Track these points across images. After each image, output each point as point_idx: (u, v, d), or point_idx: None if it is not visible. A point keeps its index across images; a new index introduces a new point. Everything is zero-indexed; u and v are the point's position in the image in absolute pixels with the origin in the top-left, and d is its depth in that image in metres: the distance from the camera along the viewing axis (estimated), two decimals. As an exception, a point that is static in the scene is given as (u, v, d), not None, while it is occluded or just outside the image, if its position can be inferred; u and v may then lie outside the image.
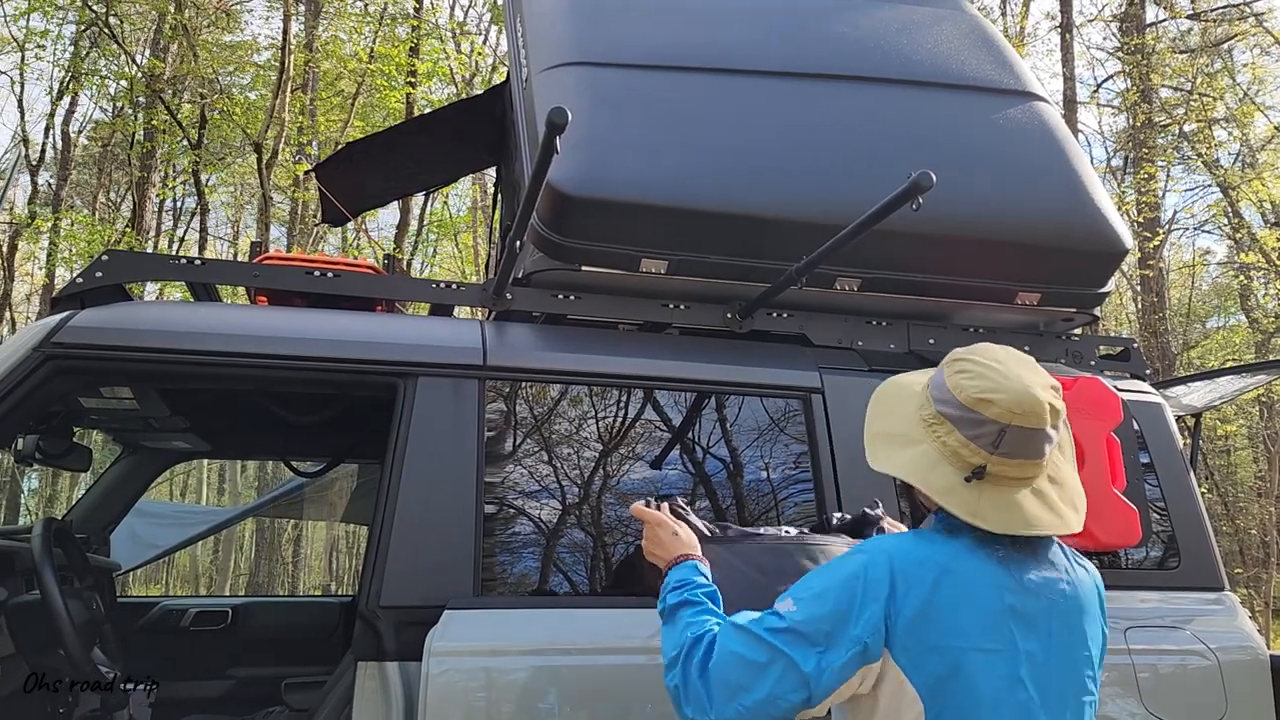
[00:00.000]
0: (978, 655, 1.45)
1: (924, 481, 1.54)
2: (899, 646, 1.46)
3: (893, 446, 1.62)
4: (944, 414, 1.55)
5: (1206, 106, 14.05)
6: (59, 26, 14.72)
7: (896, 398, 1.69)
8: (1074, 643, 1.55)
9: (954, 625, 1.46)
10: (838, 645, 1.46)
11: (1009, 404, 1.49)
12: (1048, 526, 1.53)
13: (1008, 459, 1.51)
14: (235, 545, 17.13)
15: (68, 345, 2.29)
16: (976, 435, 1.51)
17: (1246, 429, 17.33)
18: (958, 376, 1.56)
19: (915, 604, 1.46)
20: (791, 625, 1.48)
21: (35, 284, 19.17)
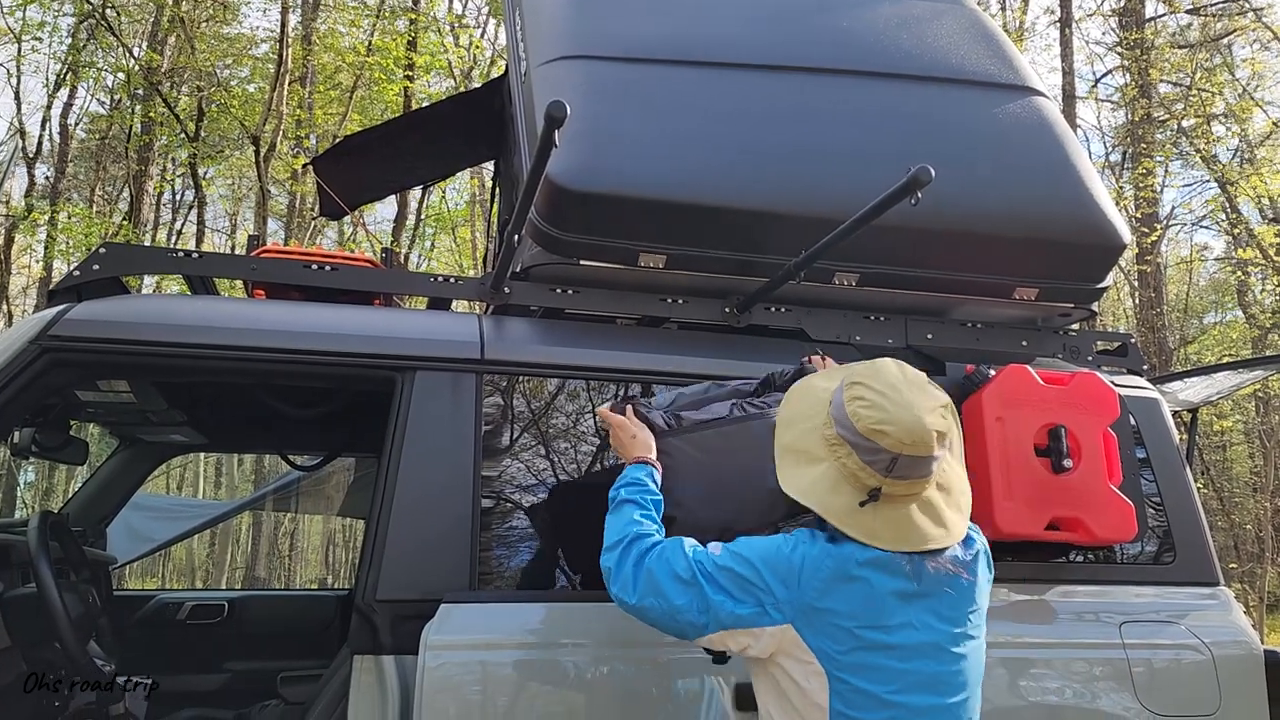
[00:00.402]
0: (873, 633, 1.64)
1: (824, 507, 1.70)
2: (803, 624, 1.66)
3: (798, 464, 1.78)
4: (844, 437, 1.71)
5: (1205, 102, 14.04)
6: (55, 18, 14.67)
7: (805, 407, 1.83)
8: (960, 614, 1.73)
9: (851, 609, 1.65)
10: (739, 599, 1.70)
11: (900, 435, 1.65)
12: (936, 541, 1.71)
13: (899, 480, 1.68)
14: (232, 539, 17.12)
15: (65, 338, 2.29)
16: (872, 461, 1.67)
17: (1243, 424, 17.35)
18: (855, 404, 1.70)
19: (817, 590, 1.66)
20: (712, 570, 1.72)
21: (32, 277, 19.13)
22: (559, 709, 2.16)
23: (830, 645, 1.65)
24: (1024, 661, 2.44)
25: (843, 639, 1.65)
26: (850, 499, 1.69)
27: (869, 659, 1.64)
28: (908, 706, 1.64)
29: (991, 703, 2.36)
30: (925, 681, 1.66)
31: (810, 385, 1.89)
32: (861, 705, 1.63)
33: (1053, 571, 2.62)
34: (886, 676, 1.64)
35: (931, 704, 1.66)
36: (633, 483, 1.97)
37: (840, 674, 1.64)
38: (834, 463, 1.71)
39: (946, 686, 1.68)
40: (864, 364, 1.80)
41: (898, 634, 1.65)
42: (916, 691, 1.65)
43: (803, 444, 1.78)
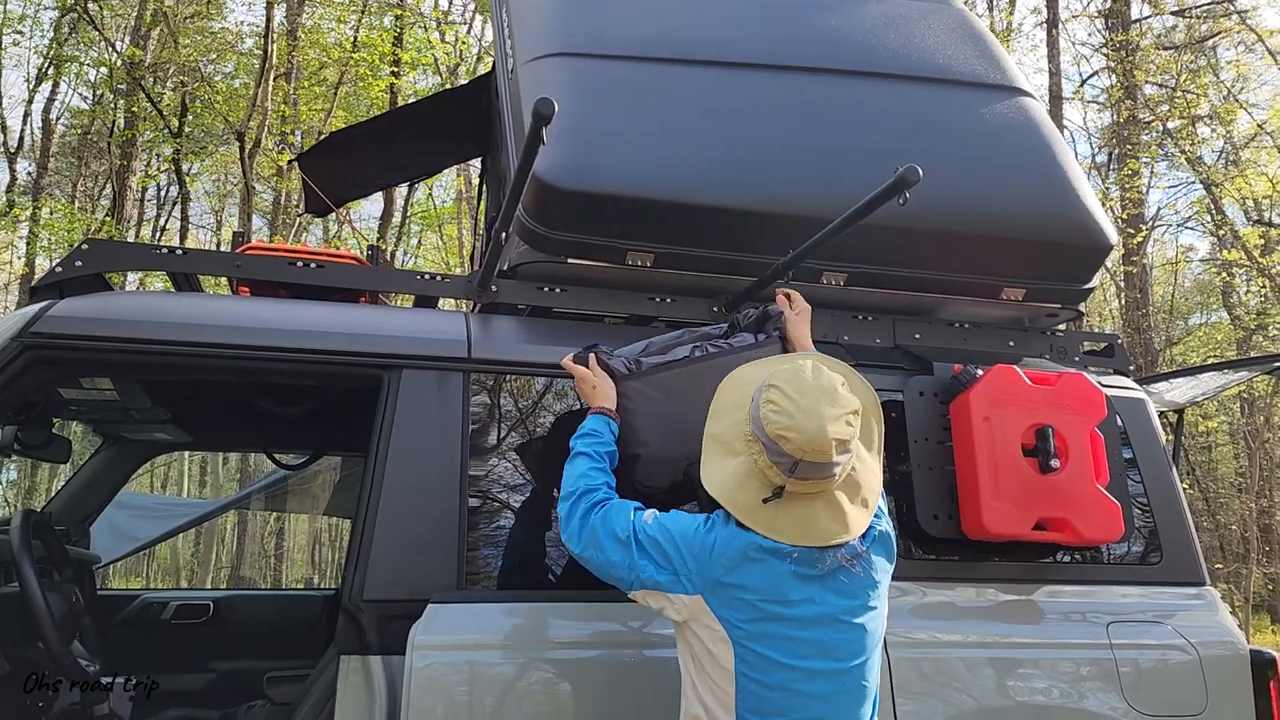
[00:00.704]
0: (774, 606, 1.81)
1: (730, 502, 1.86)
2: (711, 596, 1.83)
3: (719, 455, 1.93)
4: (757, 436, 1.85)
5: (1190, 103, 14.12)
6: (37, 12, 14.56)
7: (735, 398, 1.97)
8: (856, 589, 1.87)
9: (753, 585, 1.81)
10: (660, 567, 1.88)
11: (801, 443, 1.79)
12: (835, 537, 1.85)
13: (802, 480, 1.82)
14: (217, 538, 17.04)
15: (47, 335, 2.27)
16: (778, 462, 1.82)
17: (1228, 425, 17.47)
18: (767, 408, 1.83)
19: (723, 568, 1.83)
20: (642, 538, 1.91)
21: (14, 273, 18.98)
22: (546, 709, 2.15)
23: (735, 615, 1.82)
24: (1011, 661, 2.44)
25: (746, 610, 1.82)
26: (755, 495, 1.84)
27: (770, 628, 1.81)
28: (804, 670, 1.81)
29: (979, 702, 2.37)
30: (822, 648, 1.83)
31: (742, 376, 2.03)
32: (762, 669, 1.80)
33: (1040, 571, 2.63)
34: (785, 644, 1.81)
35: (827, 668, 1.82)
36: (590, 433, 2.14)
37: (744, 641, 1.81)
38: (747, 458, 1.87)
39: (842, 652, 1.84)
40: (787, 364, 1.94)
41: (797, 608, 1.82)
42: (813, 657, 1.82)
43: (726, 435, 1.93)
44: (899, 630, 2.39)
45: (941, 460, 2.59)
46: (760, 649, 1.80)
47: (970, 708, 2.36)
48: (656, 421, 2.22)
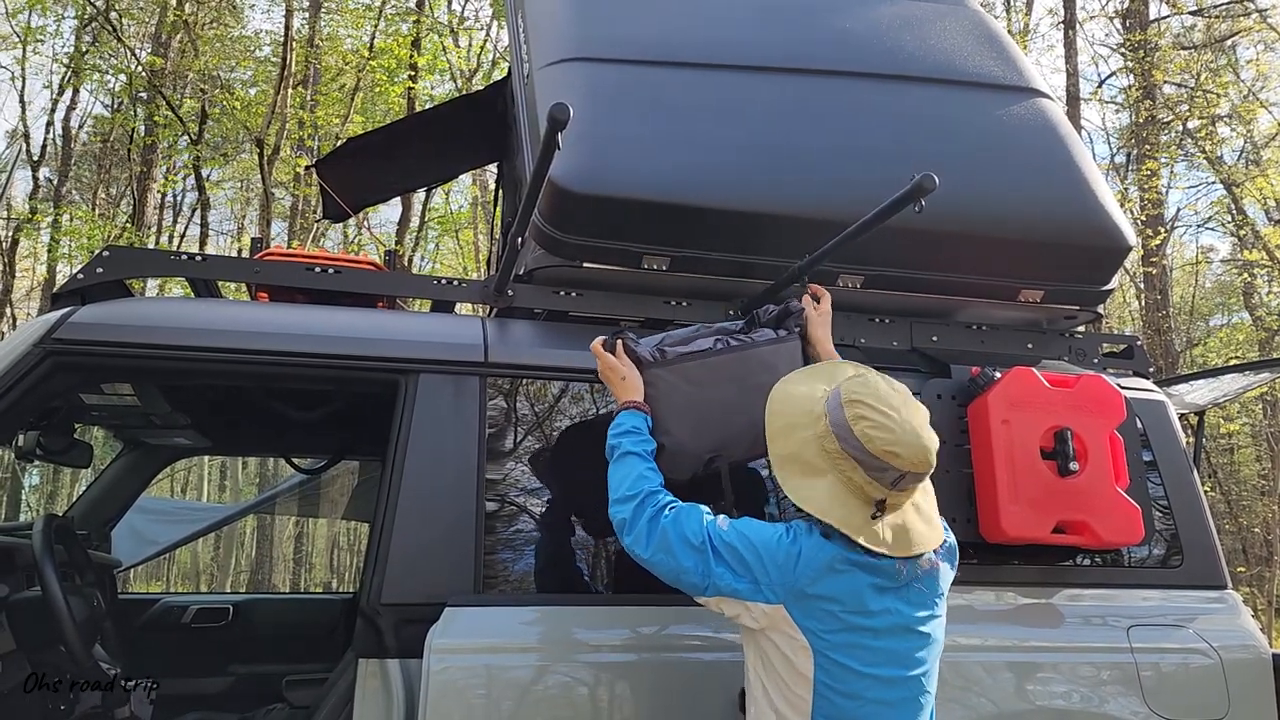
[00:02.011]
0: (856, 617, 1.83)
1: (840, 521, 1.84)
2: (794, 606, 1.83)
3: (803, 475, 1.90)
4: (849, 453, 1.83)
5: (1210, 103, 14.01)
6: (58, 22, 14.70)
7: (794, 417, 1.95)
8: (926, 600, 1.90)
9: (837, 596, 1.82)
10: (739, 575, 1.86)
11: (910, 456, 1.81)
12: (931, 543, 1.91)
13: (901, 491, 1.85)
14: (236, 542, 17.14)
15: (69, 341, 2.29)
16: (879, 477, 1.82)
17: (1250, 427, 17.30)
18: (863, 425, 1.83)
19: (809, 578, 1.83)
20: (719, 544, 1.89)
21: (36, 280, 19.17)
22: (564, 713, 2.15)
23: (818, 625, 1.83)
24: (1031, 665, 2.43)
25: (829, 621, 1.83)
26: (861, 512, 1.84)
27: (851, 638, 1.83)
28: (877, 677, 1.83)
29: (999, 706, 2.36)
30: (893, 657, 1.86)
31: (789, 393, 2.01)
32: (840, 677, 1.82)
33: (1059, 575, 2.61)
34: (863, 653, 1.83)
35: (896, 675, 1.85)
36: (631, 430, 2.12)
37: (825, 650, 1.83)
38: (837, 475, 1.85)
39: (910, 660, 1.88)
40: (853, 377, 1.94)
41: (876, 618, 1.84)
42: (885, 665, 1.85)
43: (802, 455, 1.90)
44: (917, 634, 2.38)
45: (959, 463, 2.58)
46: (840, 658, 1.82)
47: (990, 712, 2.35)
48: (681, 412, 2.20)
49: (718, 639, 2.27)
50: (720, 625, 2.30)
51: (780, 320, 2.41)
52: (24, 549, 3.06)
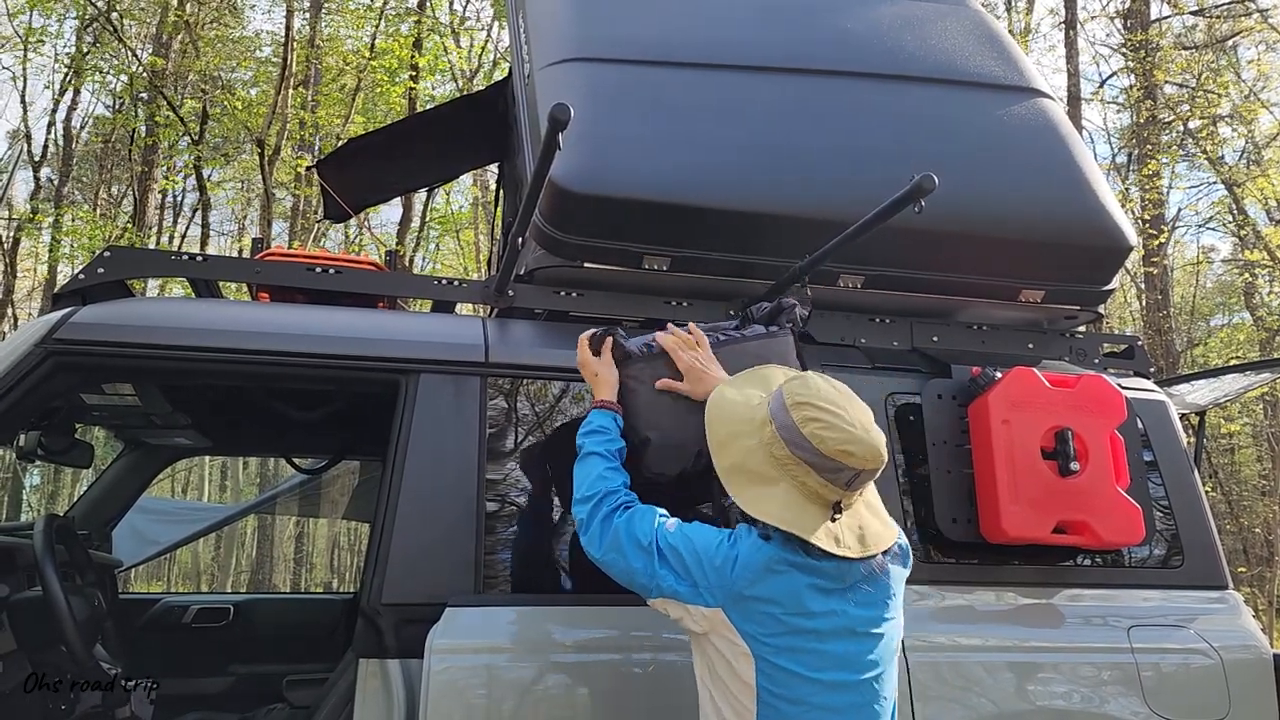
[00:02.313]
0: (797, 619, 1.77)
1: (799, 528, 1.78)
2: (733, 609, 1.79)
3: (753, 484, 1.84)
4: (802, 458, 1.78)
5: (1211, 103, 14.01)
6: (59, 22, 14.71)
7: (736, 425, 1.90)
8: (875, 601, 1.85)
9: (776, 598, 1.77)
10: (680, 578, 1.85)
11: (865, 454, 1.77)
12: (887, 541, 1.86)
13: (854, 491, 1.81)
14: (237, 542, 17.14)
15: (70, 341, 2.29)
16: (833, 478, 1.78)
17: (1251, 427, 17.30)
18: (813, 426, 1.78)
19: (746, 580, 1.78)
20: (664, 546, 1.88)
21: (37, 280, 19.18)
22: (564, 713, 2.15)
23: (758, 629, 1.78)
24: (1031, 665, 2.42)
25: (769, 624, 1.78)
26: (818, 517, 1.79)
27: (792, 642, 1.78)
28: (823, 681, 1.78)
29: (999, 707, 2.36)
30: (840, 660, 1.80)
31: (727, 401, 1.96)
32: (784, 682, 1.77)
33: (1060, 575, 2.61)
34: (806, 657, 1.78)
35: (844, 679, 1.80)
36: (598, 430, 2.12)
37: (766, 655, 1.78)
38: (791, 482, 1.80)
39: (859, 664, 1.82)
40: (792, 379, 1.90)
41: (818, 620, 1.79)
42: (832, 669, 1.79)
43: (749, 464, 1.86)
44: (918, 634, 2.38)
45: (960, 463, 2.58)
46: (782, 662, 1.77)
47: (990, 712, 2.35)
48: (669, 406, 2.19)
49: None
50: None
51: (773, 317, 2.41)
52: (25, 549, 3.06)
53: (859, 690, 1.81)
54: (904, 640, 2.34)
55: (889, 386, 2.69)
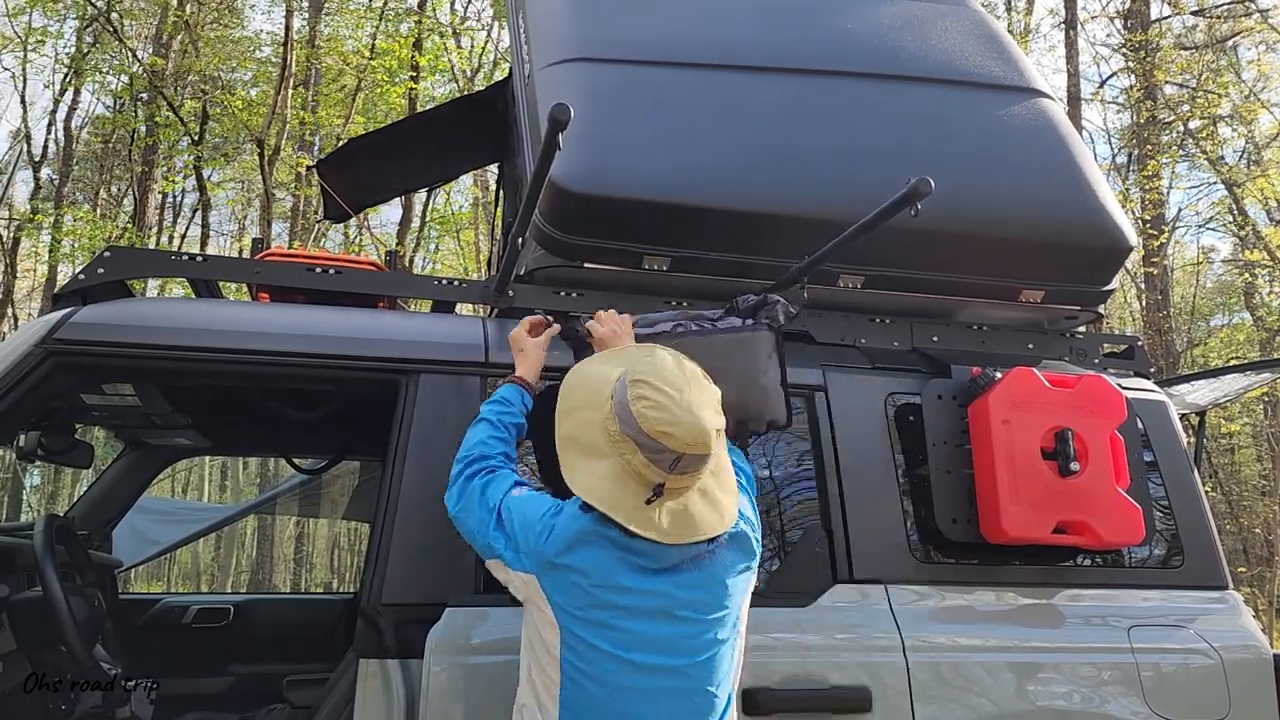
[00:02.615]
0: (607, 593, 1.75)
1: (611, 506, 1.75)
2: (544, 576, 1.79)
3: (583, 456, 1.81)
4: (629, 435, 1.75)
5: (1211, 103, 14.01)
6: (59, 23, 14.71)
7: (585, 398, 1.86)
8: (703, 584, 1.81)
9: (587, 569, 1.76)
10: (506, 542, 1.87)
11: (684, 437, 1.72)
12: (714, 529, 1.80)
13: (682, 475, 1.75)
14: (237, 542, 17.14)
15: (70, 341, 2.29)
16: (657, 459, 1.73)
17: (1251, 427, 17.30)
18: (640, 404, 1.75)
19: (557, 549, 1.78)
20: (501, 510, 1.90)
21: (37, 280, 19.18)
22: (564, 713, 2.15)
23: (566, 600, 1.77)
24: (1031, 665, 2.42)
25: (577, 596, 1.76)
26: (636, 497, 1.75)
27: (600, 616, 1.75)
28: (631, 662, 1.74)
29: (999, 707, 2.36)
30: (653, 642, 1.76)
31: (586, 374, 1.93)
32: (589, 658, 1.75)
33: (1060, 575, 2.61)
34: (613, 634, 1.75)
35: (656, 662, 1.76)
36: (500, 401, 2.17)
37: (571, 627, 1.76)
38: (618, 459, 1.76)
39: (678, 648, 1.77)
40: (643, 356, 1.86)
41: (630, 596, 1.76)
42: (642, 650, 1.75)
43: (584, 436, 1.82)
44: (918, 634, 2.38)
45: (960, 463, 2.58)
46: (587, 636, 1.75)
47: (990, 712, 2.34)
48: None
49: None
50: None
51: (754, 311, 2.41)
52: (25, 549, 3.06)
53: (674, 675, 1.77)
54: (904, 639, 2.35)
55: (889, 386, 2.69)
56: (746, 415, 2.29)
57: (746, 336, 2.35)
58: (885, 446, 2.61)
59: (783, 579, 2.44)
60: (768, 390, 2.34)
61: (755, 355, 2.32)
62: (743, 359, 2.29)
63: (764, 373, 2.34)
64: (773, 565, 2.48)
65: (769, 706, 2.22)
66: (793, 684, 2.27)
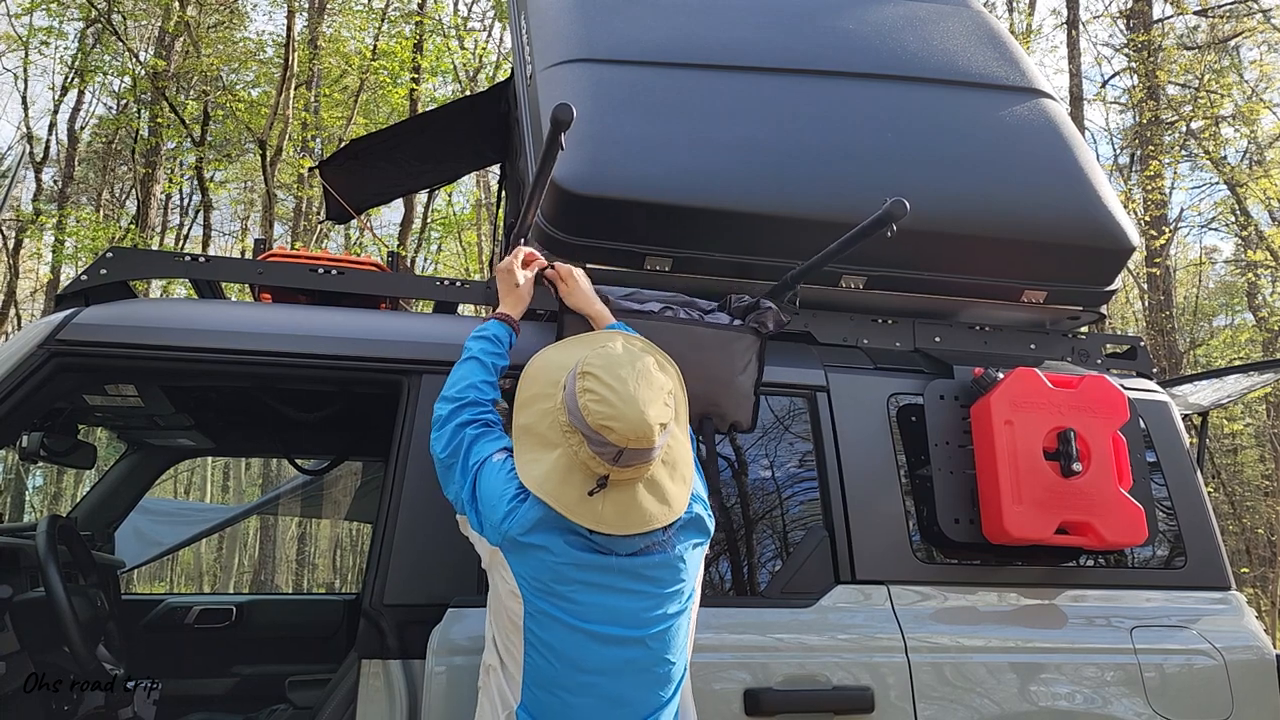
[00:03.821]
0: (569, 569, 1.79)
1: (554, 498, 1.78)
2: (509, 552, 1.81)
3: (535, 448, 1.85)
4: (577, 427, 1.78)
5: (1214, 103, 14.01)
6: (61, 23, 14.73)
7: (542, 387, 1.91)
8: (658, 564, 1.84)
9: (551, 548, 1.79)
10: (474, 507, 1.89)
11: (625, 431, 1.74)
12: (660, 520, 1.82)
13: (626, 468, 1.77)
14: (239, 543, 17.16)
15: (72, 342, 2.29)
16: (601, 451, 1.76)
17: (1253, 428, 17.29)
18: (586, 397, 1.77)
19: (522, 529, 1.80)
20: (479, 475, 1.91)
21: (40, 281, 19.21)
22: (566, 714, 2.15)
23: (530, 573, 1.80)
24: (1034, 666, 2.42)
25: (543, 570, 1.79)
26: (579, 489, 1.78)
27: (562, 589, 1.79)
28: (592, 633, 1.78)
29: (1001, 708, 2.35)
30: (613, 615, 1.80)
31: (548, 363, 1.97)
32: (550, 628, 1.78)
33: (1062, 576, 2.61)
34: (575, 608, 1.78)
35: (618, 634, 1.80)
36: (490, 338, 2.18)
37: (534, 598, 1.79)
38: (566, 450, 1.80)
39: (634, 619, 1.81)
40: (598, 346, 1.88)
41: (590, 573, 1.80)
42: (602, 622, 1.79)
43: (539, 427, 1.86)
44: (920, 635, 2.38)
45: (962, 464, 2.58)
46: (550, 609, 1.78)
47: (993, 713, 2.34)
48: None
49: (721, 640, 2.27)
50: (724, 626, 2.30)
51: (745, 313, 2.43)
52: (28, 550, 3.07)
53: (633, 646, 1.81)
54: (906, 640, 2.35)
55: (892, 387, 2.69)
56: (712, 412, 2.33)
57: (729, 335, 2.37)
58: (887, 447, 2.61)
59: (785, 579, 2.44)
60: (738, 392, 2.38)
61: (733, 355, 2.35)
62: (720, 356, 2.32)
63: (738, 374, 2.37)
64: (775, 566, 2.48)
65: (771, 707, 2.22)
66: (795, 685, 2.26)
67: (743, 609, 2.39)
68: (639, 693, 1.81)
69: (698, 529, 1.95)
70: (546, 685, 1.78)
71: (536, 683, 1.79)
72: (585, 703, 1.78)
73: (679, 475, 1.88)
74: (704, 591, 2.46)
